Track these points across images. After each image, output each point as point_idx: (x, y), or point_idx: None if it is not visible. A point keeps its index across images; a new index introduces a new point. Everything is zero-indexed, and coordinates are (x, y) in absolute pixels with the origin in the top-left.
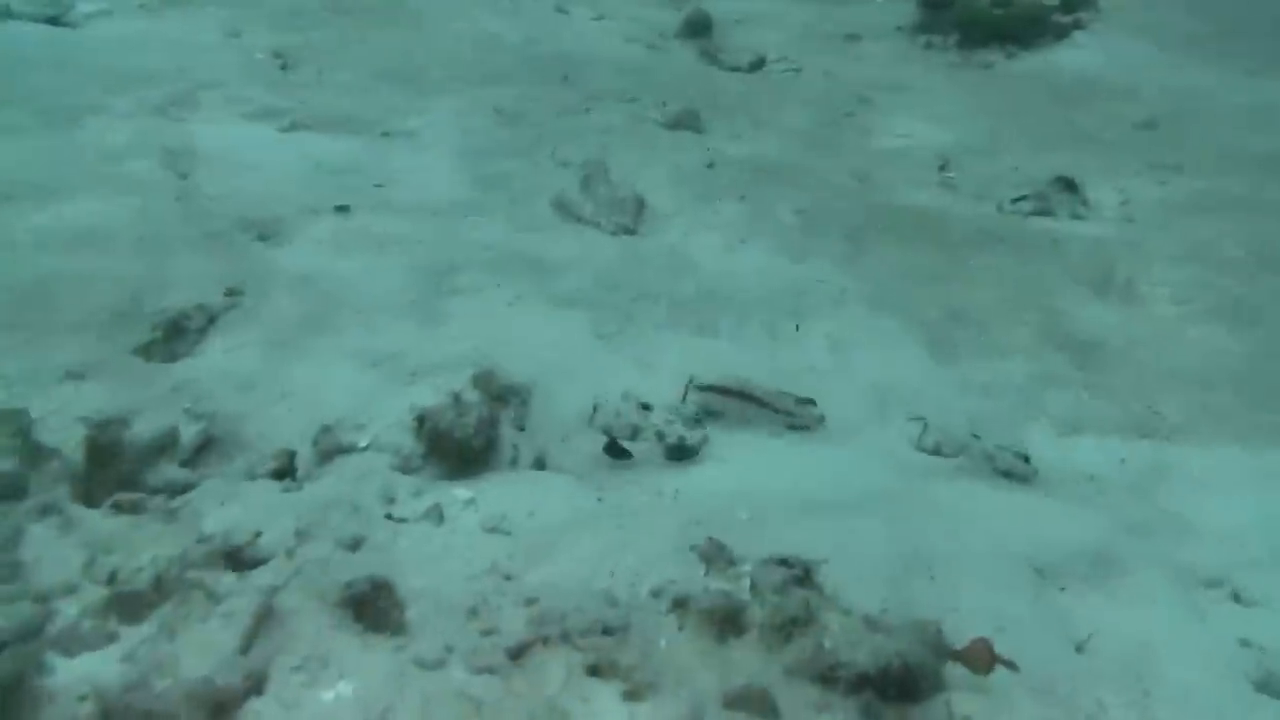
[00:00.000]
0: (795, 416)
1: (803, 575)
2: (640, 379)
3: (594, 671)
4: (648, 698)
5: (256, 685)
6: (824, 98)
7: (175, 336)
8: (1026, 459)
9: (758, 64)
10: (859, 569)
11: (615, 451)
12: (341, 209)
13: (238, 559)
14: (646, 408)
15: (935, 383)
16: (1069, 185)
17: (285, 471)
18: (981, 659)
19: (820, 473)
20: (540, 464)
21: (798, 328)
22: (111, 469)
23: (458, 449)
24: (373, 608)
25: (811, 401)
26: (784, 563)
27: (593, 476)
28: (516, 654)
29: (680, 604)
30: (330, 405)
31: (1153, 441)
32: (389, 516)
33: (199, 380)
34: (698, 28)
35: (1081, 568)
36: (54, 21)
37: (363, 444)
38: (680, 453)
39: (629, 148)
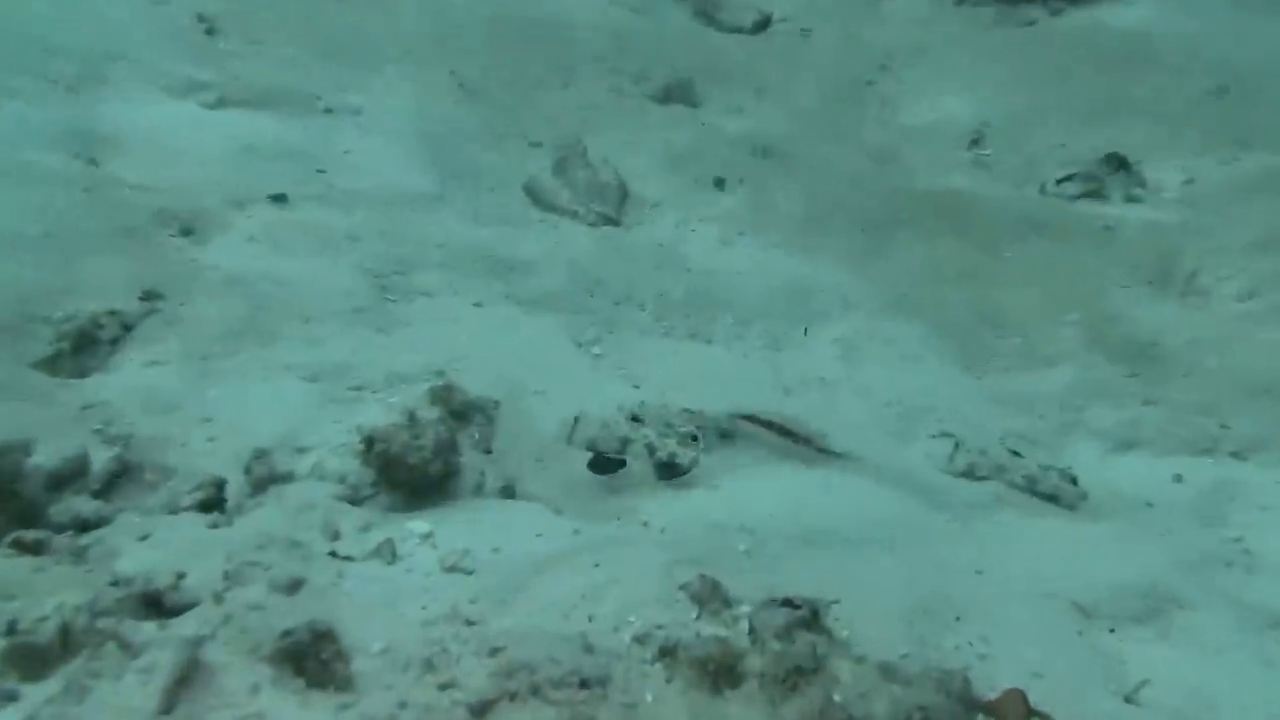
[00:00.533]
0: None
1: (809, 618)
2: (624, 394)
3: None
4: None
5: None
6: (839, 64)
7: (84, 348)
8: (1074, 480)
9: (762, 24)
10: (875, 610)
11: (602, 466)
12: (277, 199)
13: (158, 605)
14: (637, 419)
15: (964, 397)
16: (1122, 163)
17: (213, 504)
18: (1015, 712)
19: (830, 500)
20: (509, 492)
21: (806, 332)
22: (10, 502)
23: (412, 476)
24: (313, 660)
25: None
26: (788, 603)
27: (569, 506)
28: (480, 711)
29: (668, 652)
30: (265, 427)
31: (1216, 460)
32: (333, 554)
33: (112, 399)
34: None
35: (1133, 606)
36: None
37: (303, 471)
38: (671, 470)
39: (612, 126)
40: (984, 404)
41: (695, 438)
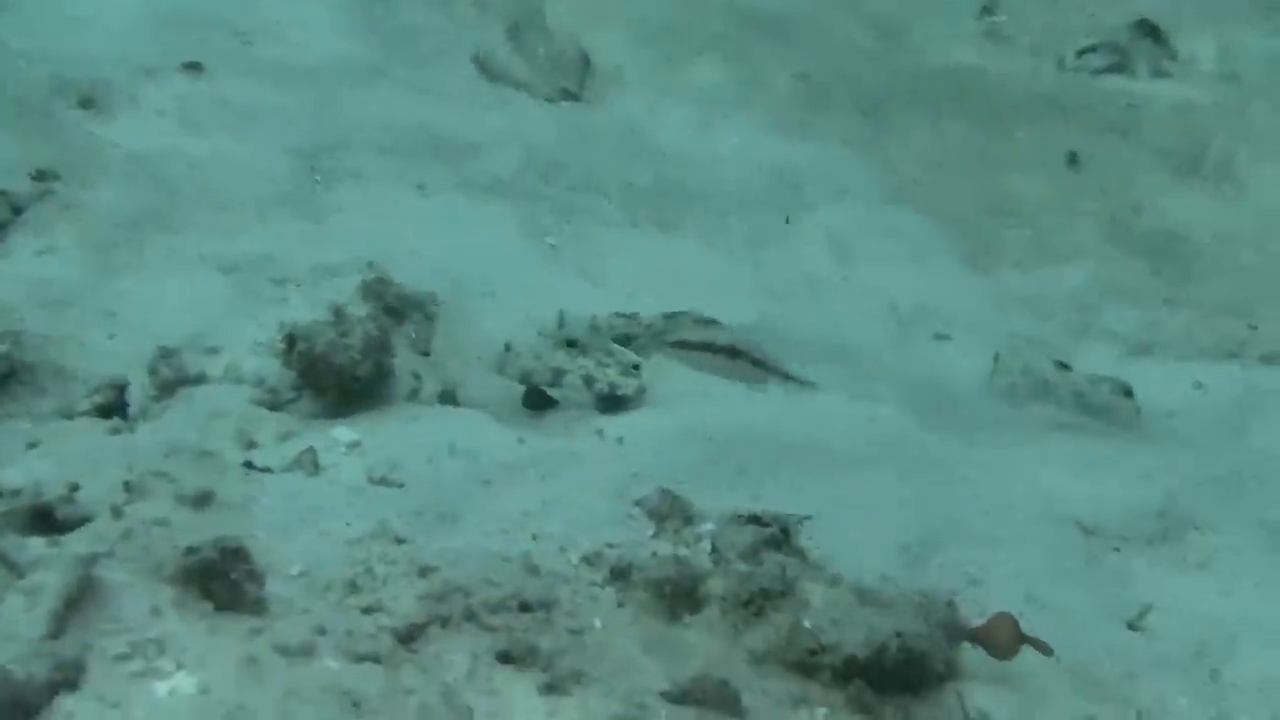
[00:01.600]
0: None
1: (780, 536)
2: (583, 292)
3: (506, 658)
4: (573, 691)
5: (70, 678)
6: None
7: None
8: (1129, 392)
9: None
10: (856, 529)
11: (536, 400)
12: (191, 68)
13: (48, 519)
14: (572, 344)
15: (969, 296)
16: (1152, 32)
17: (113, 408)
18: (1004, 640)
19: (812, 411)
20: (449, 397)
21: (788, 220)
22: None
23: (339, 378)
24: (222, 581)
25: (713, 321)
26: (756, 520)
27: (517, 414)
28: (407, 637)
29: (621, 574)
30: (173, 325)
31: (1244, 365)
32: (248, 465)
33: None
34: None
35: (1145, 527)
36: None
37: (216, 373)
38: (613, 403)
39: None
40: (991, 304)
41: (638, 366)
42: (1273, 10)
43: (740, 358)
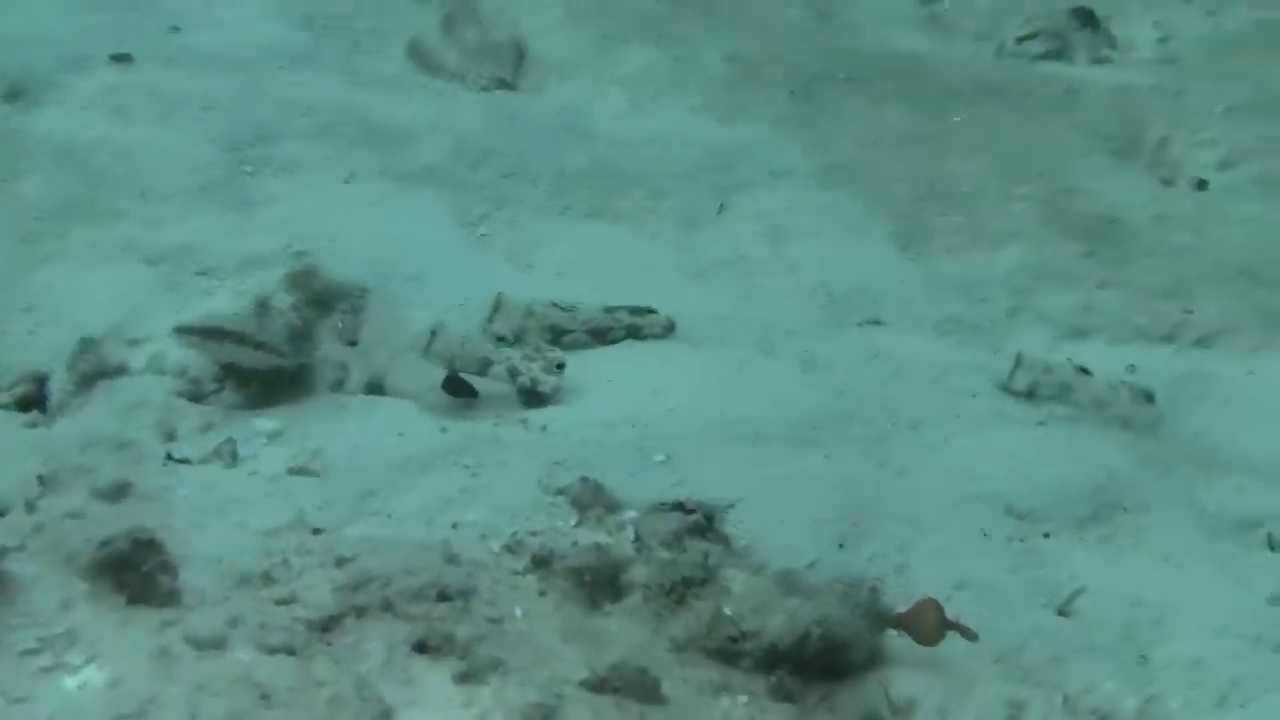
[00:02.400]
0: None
1: (704, 524)
2: (514, 279)
3: (422, 647)
4: (489, 680)
5: None
6: None
7: None
8: (1150, 397)
9: None
10: (783, 516)
11: (456, 387)
12: (120, 59)
13: None
14: (502, 340)
15: (901, 278)
16: (1089, 19)
17: (32, 401)
18: (929, 625)
19: (740, 395)
20: (376, 387)
21: (721, 208)
22: None
23: (261, 369)
24: (135, 573)
25: (649, 310)
26: (679, 508)
27: (445, 404)
28: (323, 627)
29: (542, 562)
30: (95, 316)
31: (1178, 348)
32: (168, 456)
33: None
34: None
35: (1075, 510)
36: None
37: (137, 365)
38: (534, 398)
39: None
40: (922, 286)
41: (562, 365)
42: None
43: (246, 343)
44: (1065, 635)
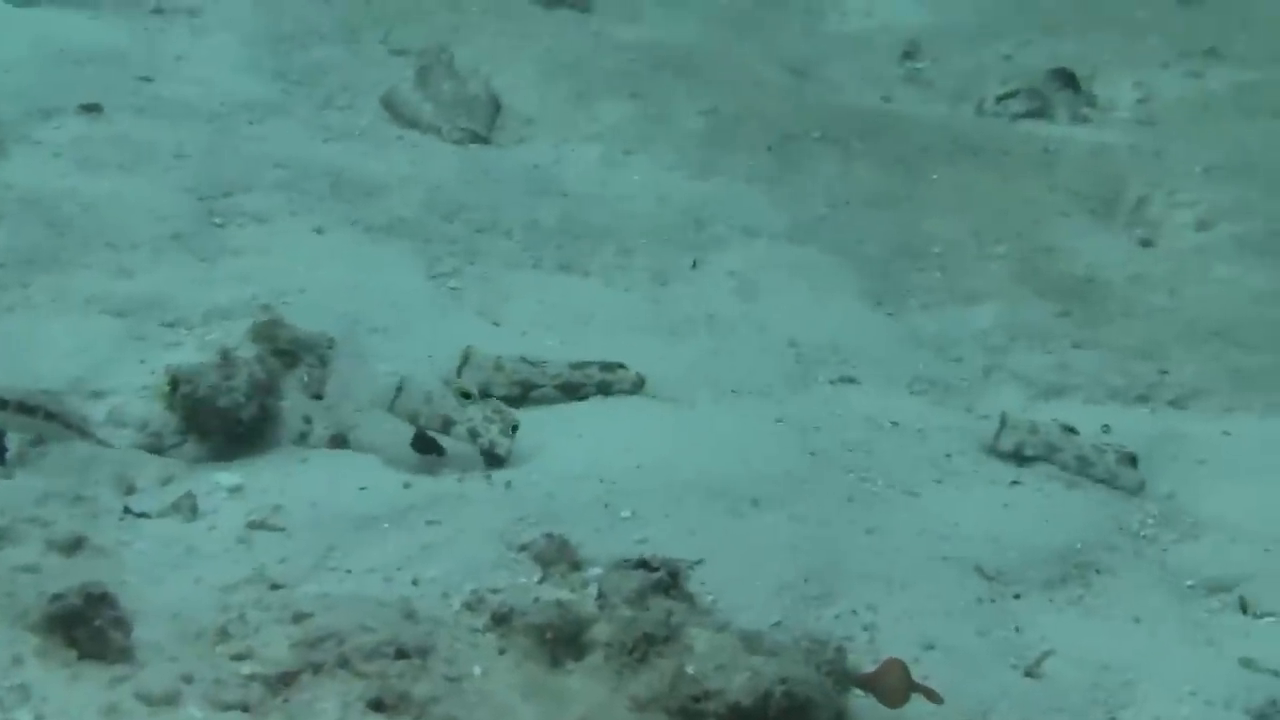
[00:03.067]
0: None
1: (668, 581)
2: (483, 333)
3: (378, 705)
4: None
5: None
6: None
7: None
8: (1134, 460)
9: None
10: (749, 574)
11: (424, 445)
12: (90, 109)
13: None
14: (467, 396)
15: (874, 336)
16: (1069, 80)
17: None
18: (894, 686)
19: (708, 452)
20: (341, 441)
21: (695, 264)
22: None
23: (223, 422)
24: (86, 628)
25: (619, 365)
26: (644, 565)
27: (411, 459)
28: (278, 684)
29: (502, 619)
30: (56, 368)
31: (1153, 409)
32: (126, 510)
33: None
34: None
35: (1045, 571)
36: None
37: (99, 418)
38: (492, 460)
39: (488, 30)
40: (895, 344)
41: (516, 427)
42: (1191, 55)
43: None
44: (1033, 697)
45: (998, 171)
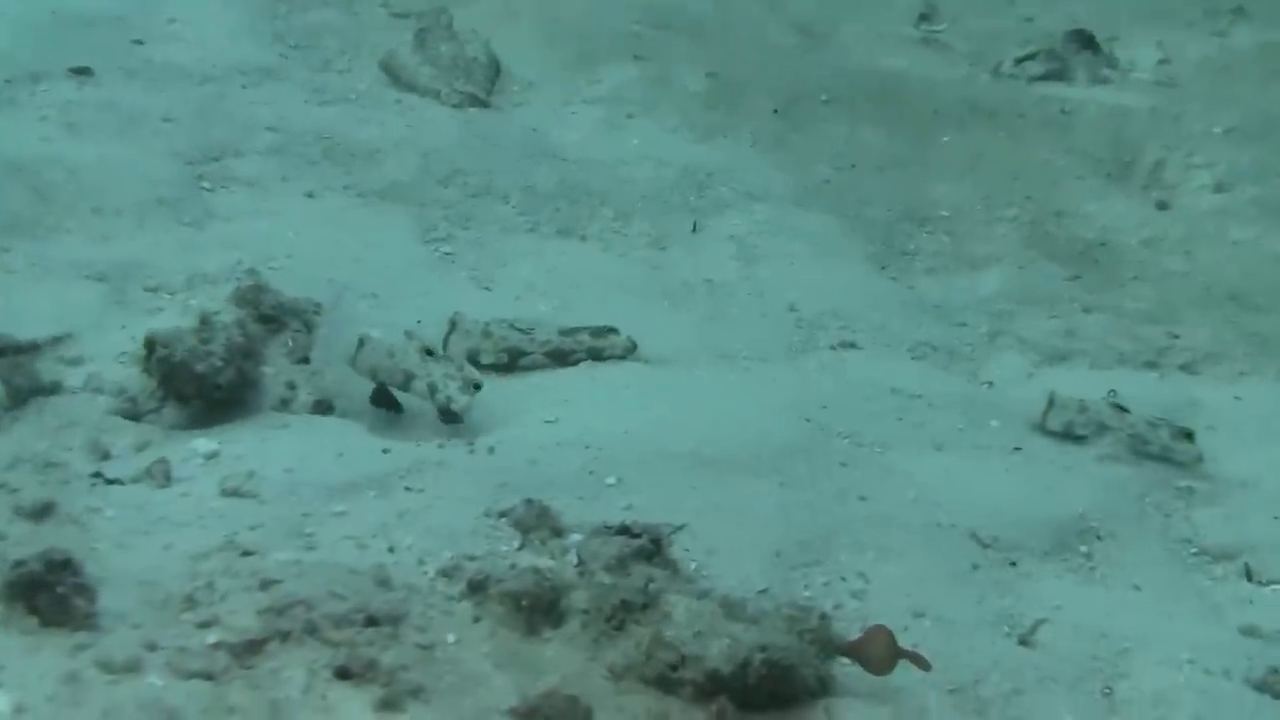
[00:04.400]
0: None
1: (650, 548)
2: (476, 299)
3: (344, 673)
4: (409, 707)
5: None
6: None
7: None
8: (1189, 435)
9: None
10: (736, 541)
11: (383, 401)
12: (80, 72)
13: None
14: (430, 353)
15: (877, 301)
16: (1088, 41)
17: None
18: (879, 654)
19: (699, 418)
20: (324, 407)
21: (695, 228)
22: None
23: (200, 386)
24: (47, 595)
25: (611, 330)
26: (625, 531)
27: (390, 424)
28: (244, 652)
29: (478, 587)
30: (33, 333)
31: (1163, 374)
32: (97, 476)
33: None
34: None
35: (1043, 538)
36: None
37: (75, 382)
38: (448, 416)
39: None
40: (898, 309)
41: (479, 385)
42: (1215, 14)
43: None
44: (1026, 666)
45: (1011, 135)
